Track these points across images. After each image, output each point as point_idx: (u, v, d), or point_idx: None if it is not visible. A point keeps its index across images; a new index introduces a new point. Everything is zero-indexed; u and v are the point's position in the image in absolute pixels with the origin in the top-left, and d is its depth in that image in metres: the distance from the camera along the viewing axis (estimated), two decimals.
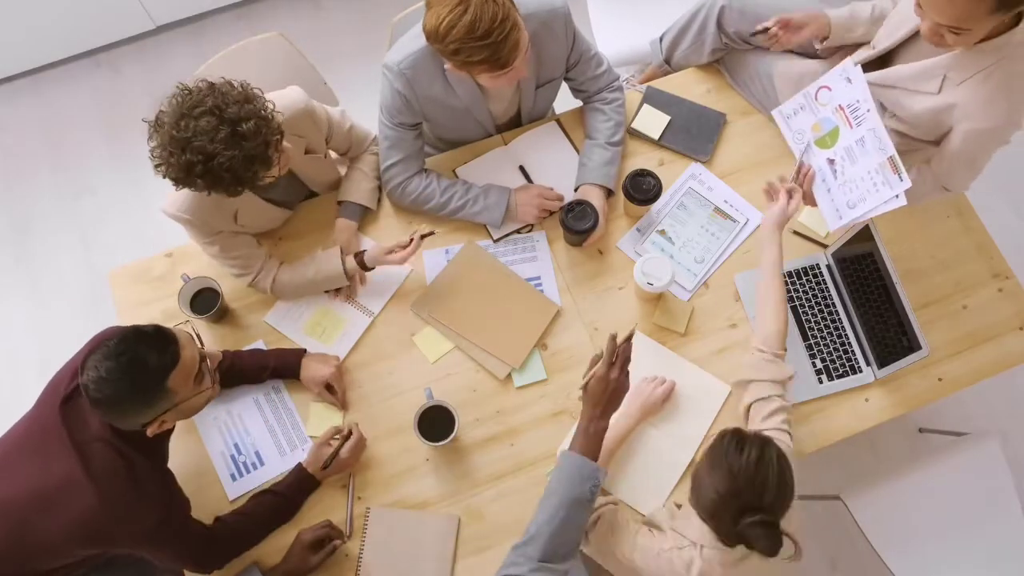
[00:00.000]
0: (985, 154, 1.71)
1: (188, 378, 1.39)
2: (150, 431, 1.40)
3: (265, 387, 1.83)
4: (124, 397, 1.32)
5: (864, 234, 1.79)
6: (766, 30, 1.92)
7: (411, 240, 1.80)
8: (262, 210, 1.84)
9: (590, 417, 1.47)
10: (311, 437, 1.79)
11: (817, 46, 1.93)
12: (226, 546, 1.60)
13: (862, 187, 1.71)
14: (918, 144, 1.82)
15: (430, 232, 1.83)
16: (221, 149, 1.44)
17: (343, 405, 1.81)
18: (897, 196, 1.65)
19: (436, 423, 1.70)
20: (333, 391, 1.79)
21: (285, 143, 1.59)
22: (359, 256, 1.85)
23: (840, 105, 1.74)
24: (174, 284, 1.86)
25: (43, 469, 1.40)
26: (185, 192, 1.62)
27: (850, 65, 1.71)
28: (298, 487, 1.70)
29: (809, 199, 1.83)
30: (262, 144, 1.49)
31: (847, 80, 1.72)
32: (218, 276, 1.85)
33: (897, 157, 1.64)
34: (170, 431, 1.52)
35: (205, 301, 1.84)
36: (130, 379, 1.31)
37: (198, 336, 1.47)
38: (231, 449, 1.79)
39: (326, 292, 1.89)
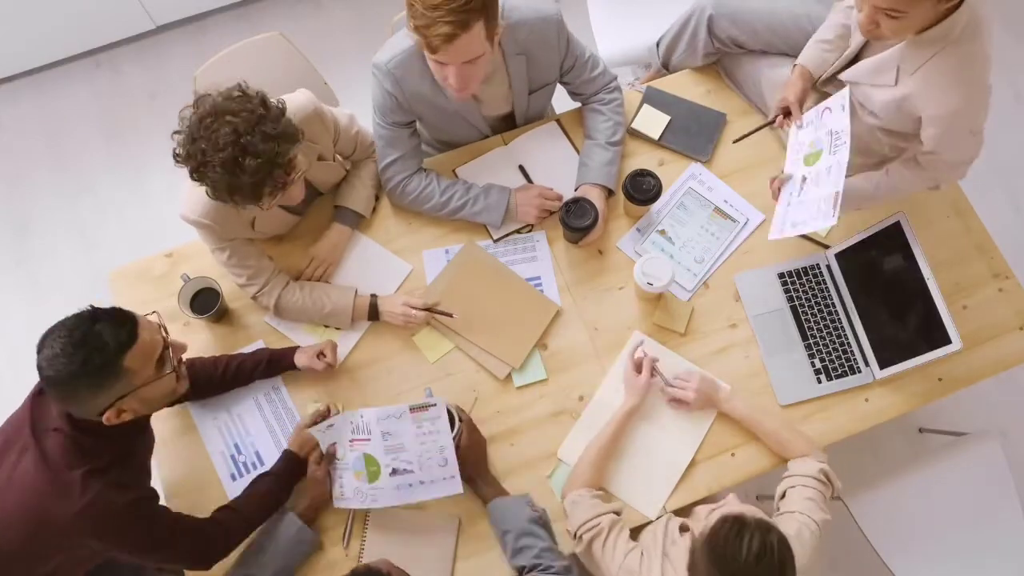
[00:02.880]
0: (956, 141, 1.67)
1: (147, 360, 1.36)
2: (107, 418, 1.35)
3: (265, 387, 1.83)
4: (76, 374, 1.28)
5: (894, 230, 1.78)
6: (782, 118, 1.89)
7: (425, 309, 1.82)
8: (277, 216, 1.84)
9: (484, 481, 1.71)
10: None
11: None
12: (220, 539, 1.58)
13: (809, 210, 1.73)
14: (909, 139, 1.81)
15: (448, 314, 1.83)
16: (215, 164, 1.45)
17: (333, 363, 1.79)
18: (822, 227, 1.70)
19: None
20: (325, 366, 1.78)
21: (294, 187, 1.59)
22: (373, 299, 1.84)
23: (831, 130, 1.76)
24: (174, 284, 1.86)
25: (14, 462, 1.40)
26: (205, 197, 1.62)
27: (847, 93, 1.74)
28: (288, 469, 1.70)
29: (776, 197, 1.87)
30: (255, 183, 1.48)
31: (841, 107, 1.74)
32: (218, 276, 1.85)
33: (842, 195, 1.66)
34: (139, 429, 1.49)
35: (205, 301, 1.84)
36: (83, 355, 1.28)
37: (164, 328, 1.44)
38: (231, 449, 1.79)
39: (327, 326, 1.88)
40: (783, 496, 1.63)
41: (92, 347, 1.29)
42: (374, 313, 1.85)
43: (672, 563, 1.46)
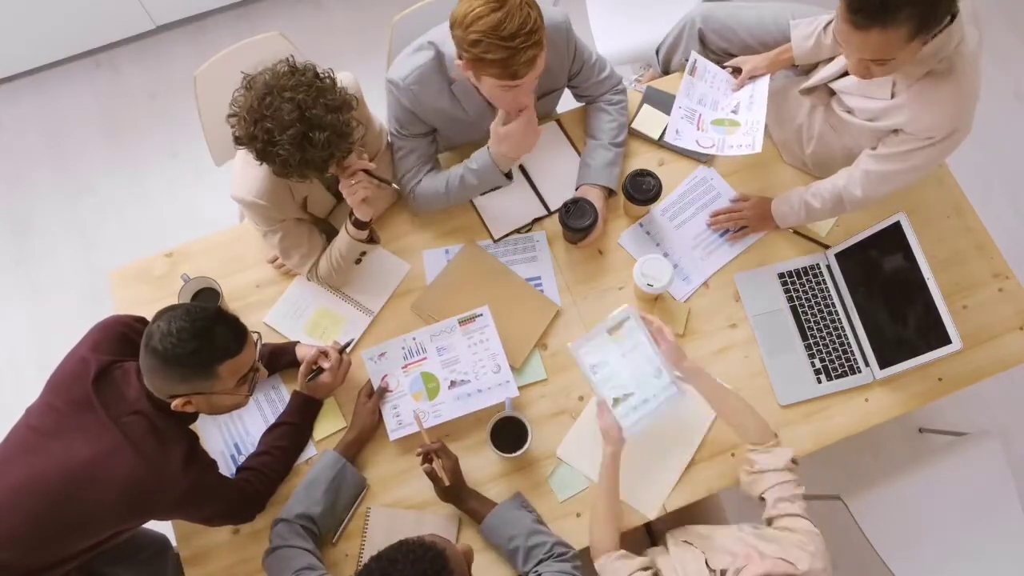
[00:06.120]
0: (914, 160, 1.68)
1: (236, 374, 1.44)
2: (175, 404, 1.43)
3: (265, 387, 1.83)
4: (180, 359, 1.36)
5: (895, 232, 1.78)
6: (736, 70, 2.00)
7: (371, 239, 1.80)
8: (323, 197, 1.85)
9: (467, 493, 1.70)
10: (311, 440, 1.79)
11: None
12: (258, 492, 1.68)
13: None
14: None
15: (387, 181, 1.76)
16: (285, 142, 1.47)
17: (332, 380, 1.76)
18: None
19: (505, 434, 1.71)
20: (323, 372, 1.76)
21: (352, 157, 1.61)
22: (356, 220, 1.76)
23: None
24: (174, 284, 1.86)
25: (80, 444, 1.42)
26: (258, 177, 1.64)
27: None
28: (301, 410, 1.76)
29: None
30: (325, 156, 1.51)
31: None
32: (218, 276, 1.85)
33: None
34: (196, 414, 1.55)
35: (205, 301, 1.84)
36: (195, 346, 1.36)
37: (258, 349, 1.51)
38: (231, 449, 1.79)
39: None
40: (761, 499, 1.58)
41: (205, 343, 1.37)
42: (366, 233, 1.78)
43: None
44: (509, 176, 1.89)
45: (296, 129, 1.46)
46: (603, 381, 1.67)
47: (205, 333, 1.37)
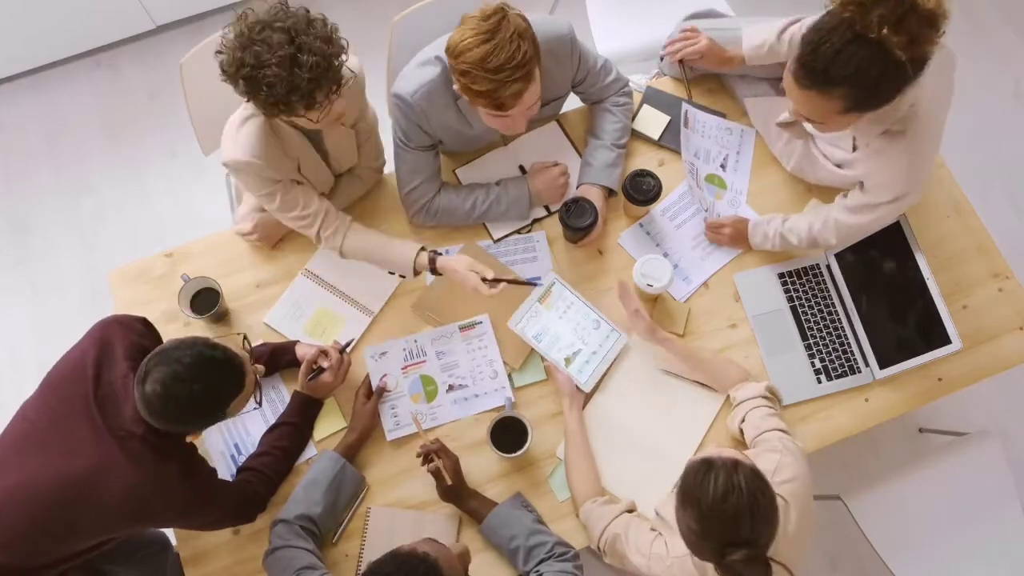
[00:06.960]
0: (876, 214, 1.72)
1: (244, 402, 1.45)
2: (191, 438, 1.46)
3: (265, 387, 1.83)
4: (187, 419, 1.39)
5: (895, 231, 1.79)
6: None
7: (497, 281, 1.77)
8: (317, 165, 1.82)
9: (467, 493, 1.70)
10: (311, 440, 1.79)
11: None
12: (259, 493, 1.68)
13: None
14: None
15: (529, 283, 1.80)
16: (273, 64, 1.45)
17: (332, 379, 1.75)
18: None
19: (505, 434, 1.70)
20: (323, 373, 1.75)
21: (339, 101, 1.59)
22: (432, 256, 1.79)
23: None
24: (174, 284, 1.86)
25: (77, 454, 1.42)
26: (250, 134, 1.63)
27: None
28: (301, 410, 1.76)
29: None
30: (313, 82, 1.48)
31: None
32: (218, 276, 1.85)
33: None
34: None
35: (205, 301, 1.84)
36: (200, 406, 1.38)
37: (250, 351, 1.51)
38: (231, 449, 1.79)
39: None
40: (743, 420, 1.67)
41: (208, 400, 1.39)
42: (434, 268, 1.80)
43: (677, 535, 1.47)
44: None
45: (285, 51, 1.44)
46: (550, 346, 1.79)
47: (207, 393, 1.37)
